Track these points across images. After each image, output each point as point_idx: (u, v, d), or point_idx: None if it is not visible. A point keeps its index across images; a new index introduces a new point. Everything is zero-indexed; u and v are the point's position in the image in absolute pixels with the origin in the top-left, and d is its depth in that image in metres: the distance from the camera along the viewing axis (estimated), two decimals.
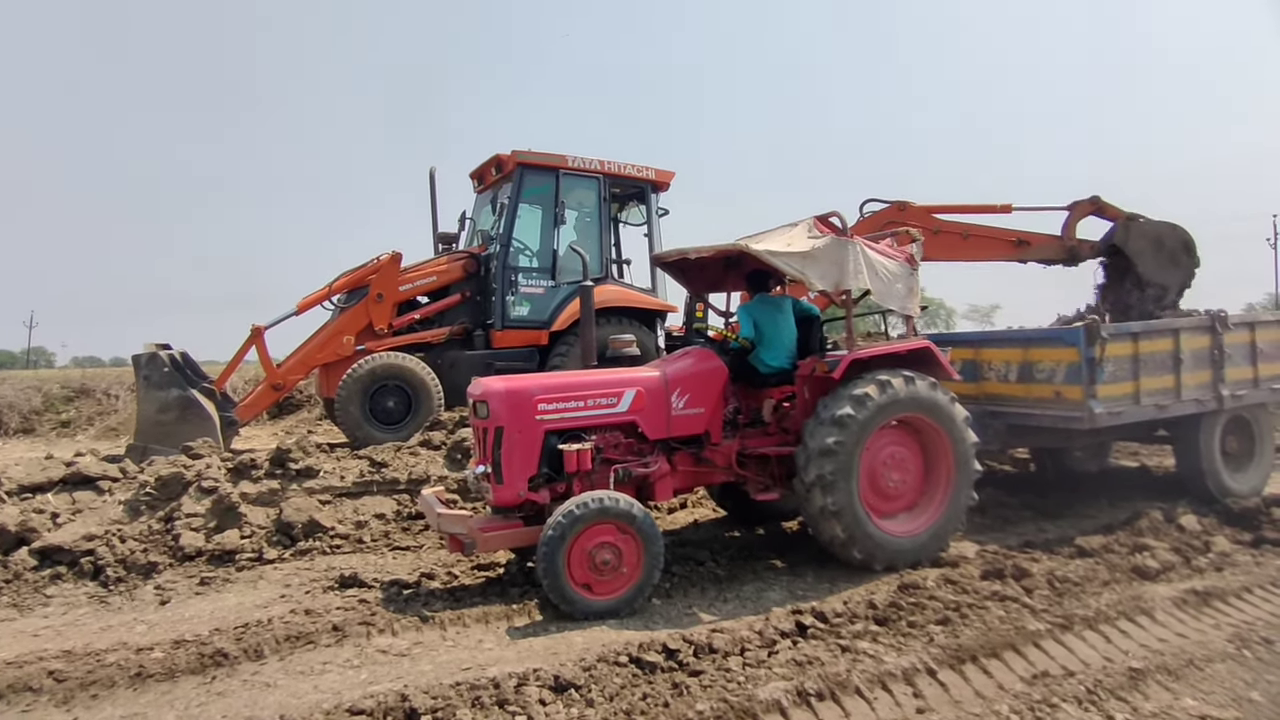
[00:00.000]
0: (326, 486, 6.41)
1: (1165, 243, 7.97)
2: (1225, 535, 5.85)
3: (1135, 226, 8.06)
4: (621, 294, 9.52)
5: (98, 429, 12.60)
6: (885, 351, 5.58)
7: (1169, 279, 7.97)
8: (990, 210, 8.13)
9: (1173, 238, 8.02)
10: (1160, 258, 7.94)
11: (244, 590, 5.23)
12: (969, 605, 4.37)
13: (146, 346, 7.94)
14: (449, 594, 4.97)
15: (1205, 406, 6.76)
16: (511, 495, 4.97)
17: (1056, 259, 8.30)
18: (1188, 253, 8.04)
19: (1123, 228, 8.09)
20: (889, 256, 5.76)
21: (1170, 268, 7.96)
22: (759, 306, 6.09)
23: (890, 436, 5.48)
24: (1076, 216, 8.23)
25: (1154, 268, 7.94)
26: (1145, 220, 8.10)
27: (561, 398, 5.16)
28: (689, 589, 5.09)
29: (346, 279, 8.84)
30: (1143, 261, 7.95)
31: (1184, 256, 8.02)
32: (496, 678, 3.59)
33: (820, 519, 5.17)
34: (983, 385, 7.05)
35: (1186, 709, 3.35)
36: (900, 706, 3.38)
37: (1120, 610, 4.34)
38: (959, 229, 8.04)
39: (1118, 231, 8.09)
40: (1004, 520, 6.69)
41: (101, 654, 4.14)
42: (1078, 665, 3.75)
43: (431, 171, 10.19)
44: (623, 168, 9.76)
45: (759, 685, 3.48)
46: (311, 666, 3.96)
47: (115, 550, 5.46)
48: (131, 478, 6.25)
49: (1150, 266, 7.94)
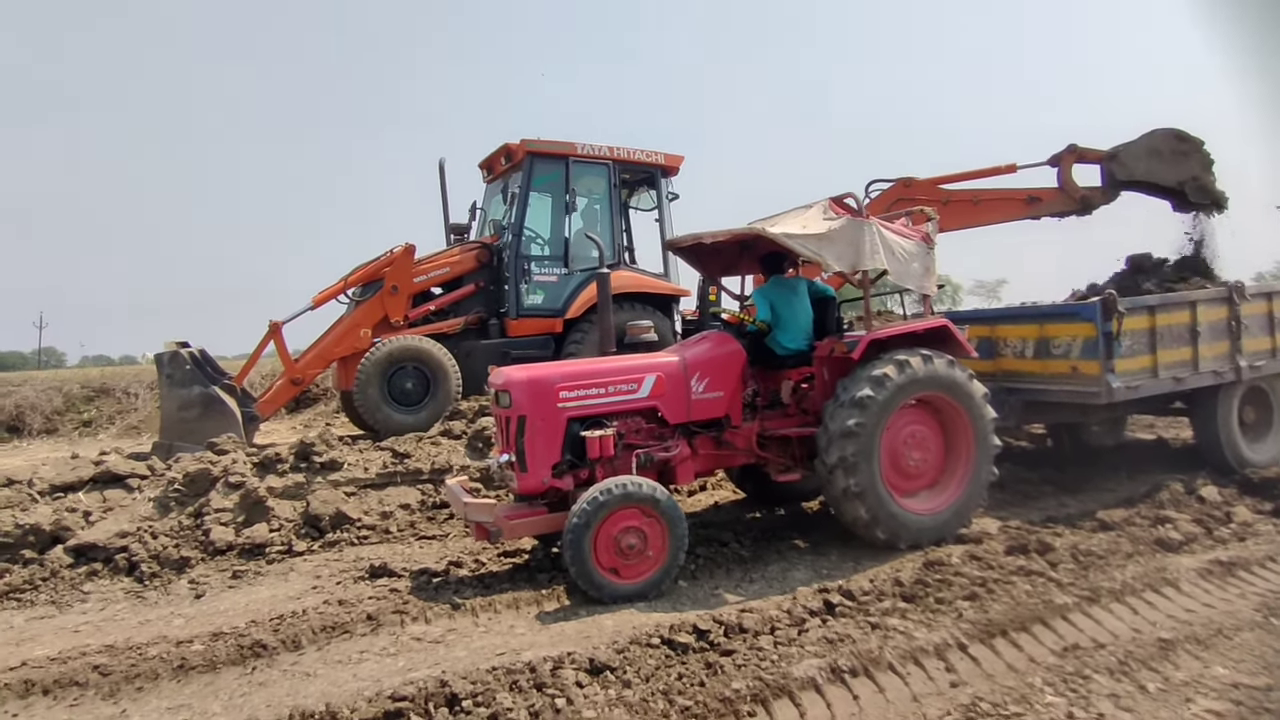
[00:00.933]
0: (351, 479, 6.49)
1: (1160, 148, 7.67)
2: (1246, 505, 5.86)
3: (1122, 154, 7.81)
4: (636, 279, 9.55)
5: (119, 428, 12.73)
6: (903, 331, 5.60)
7: (1191, 170, 7.63)
8: (995, 173, 8.04)
9: (1162, 141, 7.72)
10: (1168, 163, 7.64)
11: (276, 583, 5.31)
12: (995, 581, 4.40)
13: (166, 345, 8.01)
14: (478, 581, 5.04)
15: (1223, 378, 6.75)
16: (535, 483, 5.03)
17: (1070, 210, 8.07)
18: (1184, 140, 7.73)
19: (1115, 164, 7.85)
20: (905, 236, 5.75)
21: (1183, 162, 7.64)
22: (774, 289, 6.11)
23: (910, 415, 5.50)
24: (1066, 167, 8.02)
25: (1172, 173, 7.63)
26: (1125, 146, 7.81)
27: (583, 385, 5.19)
28: (714, 570, 5.15)
29: (361, 272, 8.89)
30: (1159, 174, 7.65)
31: (1184, 145, 7.71)
32: (532, 661, 3.65)
33: (843, 500, 5.21)
34: (999, 362, 7.06)
35: (1218, 677, 3.38)
36: (934, 681, 3.42)
37: (1146, 582, 4.36)
38: (968, 195, 7.99)
39: (1115, 168, 7.83)
40: (1024, 496, 6.72)
41: (143, 648, 4.23)
42: (1107, 637, 3.78)
43: (441, 162, 10.20)
44: (632, 153, 9.76)
45: (792, 663, 3.53)
46: (349, 656, 4.03)
47: (148, 546, 5.56)
48: (160, 475, 6.34)
49: (1169, 174, 7.63)
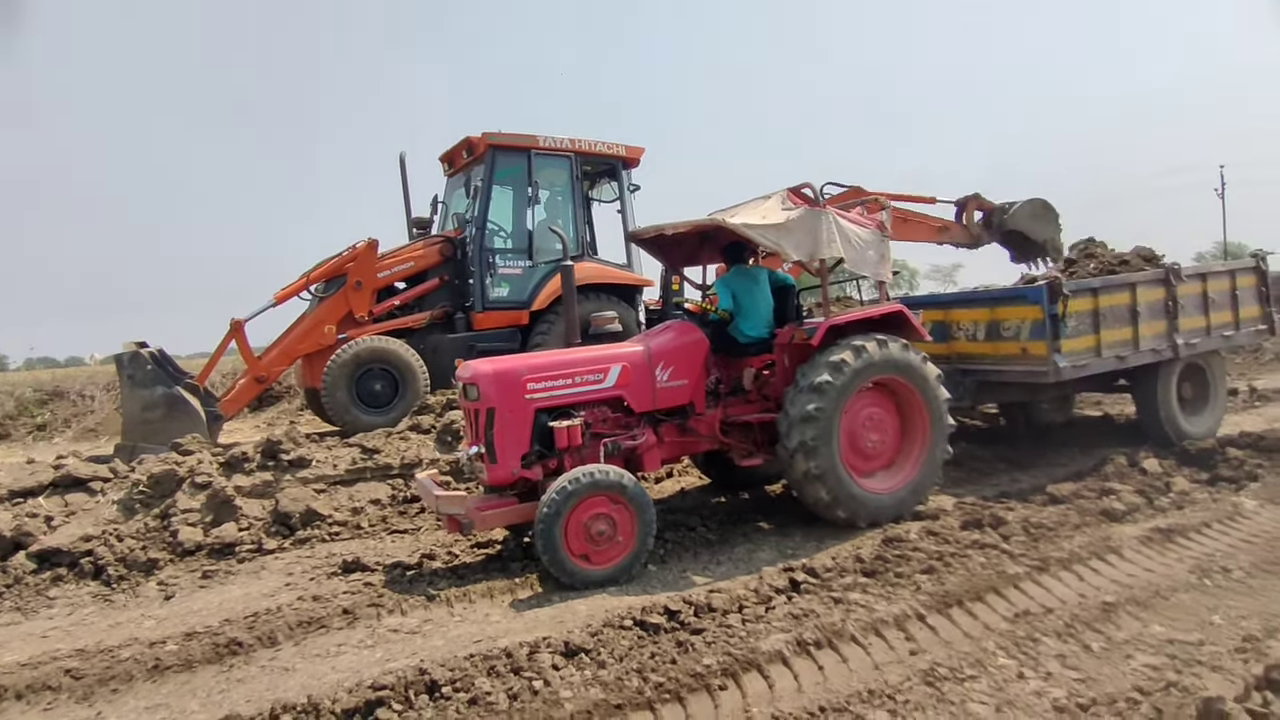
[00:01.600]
0: (320, 475, 6.48)
1: (1037, 212, 9.66)
2: (1184, 476, 6.17)
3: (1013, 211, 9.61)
4: (600, 271, 9.62)
5: (75, 431, 12.43)
6: (860, 317, 5.78)
7: (1053, 233, 9.72)
8: (920, 200, 9.50)
9: (1040, 207, 9.69)
10: (1040, 222, 9.67)
11: (248, 581, 5.32)
12: (951, 554, 4.60)
13: (126, 345, 7.88)
14: (451, 572, 5.12)
15: (1161, 356, 7.06)
16: (505, 474, 5.11)
17: (964, 243, 9.90)
18: (1050, 209, 9.72)
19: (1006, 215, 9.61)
20: (860, 225, 5.93)
21: (1051, 226, 9.71)
22: (735, 278, 6.24)
23: (867, 398, 5.69)
24: (970, 210, 9.72)
25: (1043, 232, 9.65)
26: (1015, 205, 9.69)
27: (550, 376, 5.28)
28: (682, 554, 5.29)
29: (324, 268, 8.82)
30: (1035, 231, 9.62)
31: (1052, 214, 9.73)
32: (508, 647, 3.74)
33: (805, 483, 5.38)
34: (953, 345, 7.29)
35: (1155, 635, 3.61)
36: (894, 650, 3.60)
37: (1091, 551, 4.60)
38: (901, 213, 9.06)
39: (1006, 219, 9.62)
40: (979, 473, 6.98)
41: (115, 650, 4.22)
42: (1055, 603, 4.00)
43: (401, 156, 10.15)
44: (593, 145, 9.81)
45: (760, 639, 3.68)
46: (327, 649, 4.09)
47: (114, 549, 5.51)
48: (123, 477, 6.27)
49: (1040, 232, 9.65)
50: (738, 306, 6.08)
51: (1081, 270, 7.60)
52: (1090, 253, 8.11)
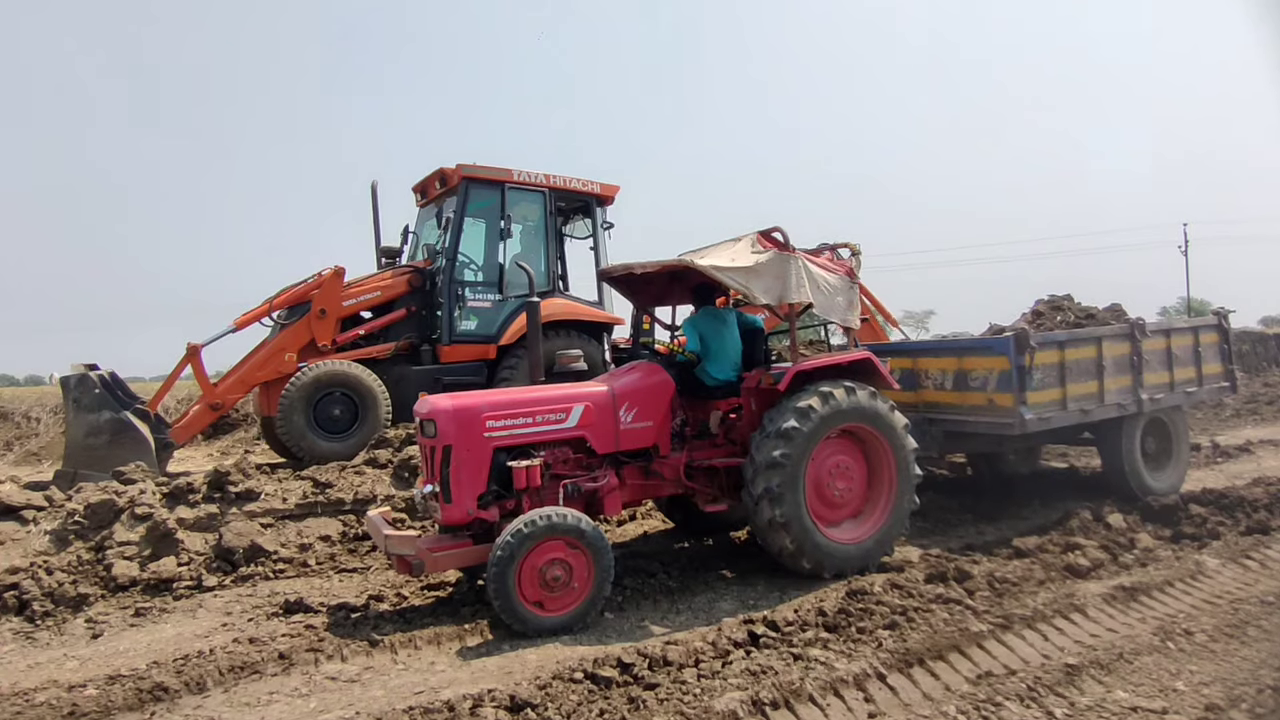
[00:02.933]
0: (268, 509, 6.24)
1: None
2: (1148, 532, 6.13)
3: None
4: (568, 308, 9.53)
5: (17, 454, 11.97)
6: (828, 363, 5.72)
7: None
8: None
9: None
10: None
11: (183, 620, 5.05)
12: (915, 609, 4.49)
13: (74, 367, 7.62)
14: (399, 615, 4.91)
15: (1126, 410, 7.10)
16: (460, 514, 4.93)
17: None
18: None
19: None
20: (830, 270, 5.91)
21: None
22: (704, 320, 6.18)
23: (834, 446, 5.60)
24: None
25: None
26: None
27: (509, 414, 5.14)
28: (641, 601, 5.12)
29: (287, 295, 8.64)
30: None
31: None
32: (451, 700, 3.56)
33: (769, 531, 5.26)
34: (921, 393, 7.27)
35: (1119, 701, 3.51)
36: (852, 712, 3.47)
37: (1055, 609, 4.51)
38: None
39: None
40: (945, 523, 6.91)
41: (30, 693, 3.97)
42: (1018, 664, 3.90)
43: (373, 185, 10.05)
44: (568, 181, 9.79)
45: (715, 696, 3.53)
46: (258, 697, 3.86)
47: (42, 583, 5.22)
48: (59, 506, 6.00)
49: None
50: (705, 348, 6.01)
51: (1049, 323, 7.66)
52: (1058, 305, 8.20)
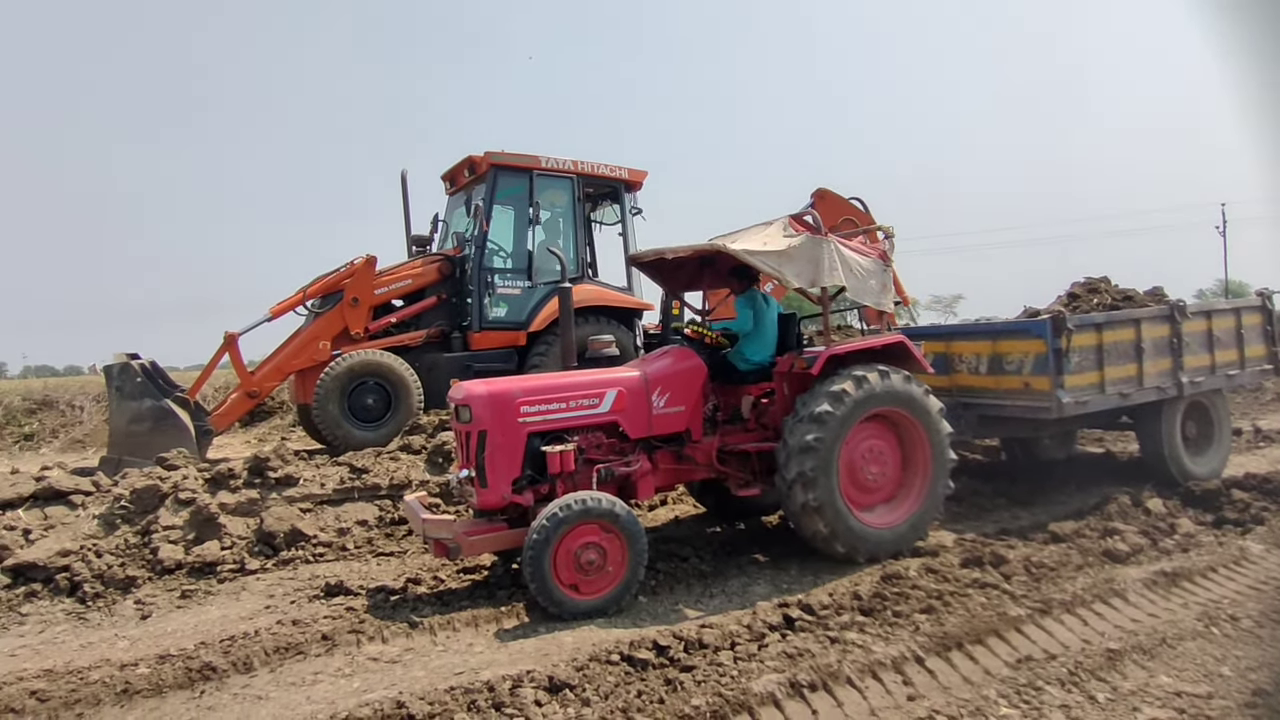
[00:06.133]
0: (307, 494, 6.35)
1: None
2: (1189, 517, 6.03)
3: None
4: (599, 293, 9.54)
5: (62, 441, 12.30)
6: (861, 347, 5.69)
7: None
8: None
9: None
10: None
11: (227, 602, 5.18)
12: (951, 593, 4.47)
13: (116, 356, 7.78)
14: (436, 599, 4.98)
15: (1166, 394, 6.96)
16: (496, 498, 4.99)
17: None
18: None
19: None
20: (863, 253, 5.86)
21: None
22: (754, 300, 6.13)
23: (868, 430, 5.57)
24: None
25: None
26: None
27: (544, 400, 5.18)
28: (675, 585, 5.15)
29: (320, 284, 8.75)
30: None
31: None
32: (490, 681, 3.61)
33: (802, 515, 5.25)
34: (955, 377, 7.19)
35: (1162, 686, 3.47)
36: (891, 694, 3.46)
37: (1095, 593, 4.46)
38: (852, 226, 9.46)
39: None
40: (979, 509, 6.84)
41: (84, 672, 4.08)
42: (1058, 648, 3.86)
43: (403, 174, 10.11)
44: (596, 167, 9.77)
45: (752, 679, 3.54)
46: (303, 677, 3.95)
47: (92, 565, 5.37)
48: (105, 491, 6.14)
49: None
50: (755, 327, 5.98)
51: (1086, 305, 7.52)
52: (1094, 288, 8.05)
